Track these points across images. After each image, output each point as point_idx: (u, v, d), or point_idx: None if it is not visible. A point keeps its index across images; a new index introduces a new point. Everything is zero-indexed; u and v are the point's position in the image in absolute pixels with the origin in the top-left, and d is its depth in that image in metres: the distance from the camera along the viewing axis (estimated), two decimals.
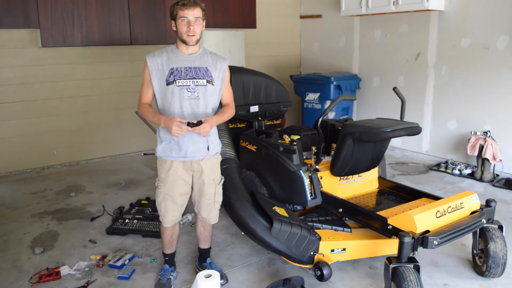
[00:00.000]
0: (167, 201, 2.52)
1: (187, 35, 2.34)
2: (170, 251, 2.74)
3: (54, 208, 3.92)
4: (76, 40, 4.53)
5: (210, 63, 2.46)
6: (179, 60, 2.40)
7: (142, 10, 4.86)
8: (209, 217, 2.65)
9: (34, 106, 4.91)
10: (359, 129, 2.80)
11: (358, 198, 3.18)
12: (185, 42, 2.37)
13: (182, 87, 2.37)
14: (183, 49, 2.42)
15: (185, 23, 2.33)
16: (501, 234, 2.67)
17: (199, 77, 2.40)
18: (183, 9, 2.31)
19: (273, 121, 3.97)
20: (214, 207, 2.63)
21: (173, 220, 2.59)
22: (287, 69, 6.81)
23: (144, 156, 5.59)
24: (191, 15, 2.32)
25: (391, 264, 2.31)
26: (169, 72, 2.37)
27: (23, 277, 2.78)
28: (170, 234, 2.67)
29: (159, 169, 2.51)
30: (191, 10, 2.31)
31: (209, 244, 2.81)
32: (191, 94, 2.39)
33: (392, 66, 5.65)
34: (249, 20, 5.70)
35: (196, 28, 2.34)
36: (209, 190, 2.57)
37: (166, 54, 2.41)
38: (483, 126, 4.76)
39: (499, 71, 4.58)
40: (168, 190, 2.49)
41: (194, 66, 2.42)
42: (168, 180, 2.47)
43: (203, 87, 2.41)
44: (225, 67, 2.53)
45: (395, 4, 5.00)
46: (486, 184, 4.45)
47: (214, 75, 2.46)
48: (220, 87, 2.51)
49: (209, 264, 2.79)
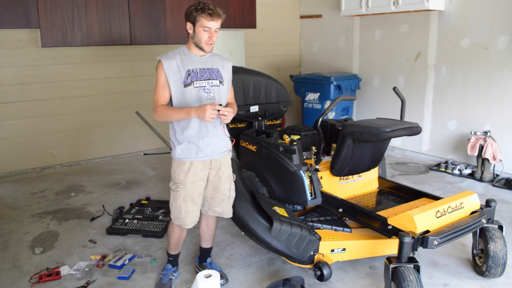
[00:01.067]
0: (187, 203, 2.48)
1: (206, 43, 2.36)
2: (175, 251, 2.73)
3: (54, 208, 3.93)
4: (76, 40, 4.53)
5: (219, 64, 2.51)
6: (193, 62, 2.42)
7: (142, 10, 4.86)
8: (224, 211, 2.65)
9: (34, 106, 4.91)
10: (359, 129, 2.80)
11: (358, 198, 3.18)
12: (202, 49, 2.38)
13: (200, 88, 2.39)
14: (195, 52, 2.43)
15: (207, 32, 2.33)
16: (501, 234, 2.67)
17: (213, 77, 2.45)
18: (208, 19, 2.29)
19: (273, 121, 3.96)
20: (228, 202, 2.65)
21: (194, 221, 2.55)
22: (287, 69, 6.81)
23: (144, 156, 5.59)
24: (214, 26, 2.32)
25: (391, 264, 2.31)
26: (186, 73, 2.38)
27: (23, 277, 2.78)
28: (178, 236, 2.65)
29: (177, 171, 2.48)
30: (215, 22, 2.32)
31: (211, 244, 2.82)
32: (207, 95, 2.41)
33: (392, 66, 5.65)
34: (249, 20, 5.71)
35: (215, 37, 2.36)
36: (225, 186, 2.58)
37: (180, 56, 2.41)
38: (483, 126, 4.76)
39: (499, 71, 4.58)
40: (188, 191, 2.47)
41: (207, 67, 2.45)
42: (188, 181, 2.45)
43: (217, 88, 2.46)
44: (230, 67, 2.58)
45: (395, 4, 5.00)
46: (486, 184, 4.45)
47: (224, 75, 2.51)
48: (228, 87, 2.55)
49: (209, 264, 2.79)
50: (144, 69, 5.52)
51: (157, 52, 5.50)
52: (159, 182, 4.59)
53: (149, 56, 5.49)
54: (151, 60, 5.53)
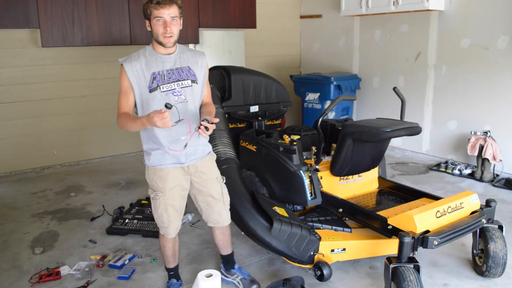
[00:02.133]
0: (169, 211, 2.36)
1: (164, 36, 2.16)
2: (174, 264, 2.60)
3: (54, 208, 3.92)
4: (76, 40, 4.53)
5: (191, 61, 2.31)
6: (159, 63, 2.22)
7: (142, 10, 4.84)
8: (221, 219, 2.52)
9: (34, 106, 4.91)
10: (359, 129, 2.80)
11: (358, 198, 3.18)
12: (162, 44, 2.20)
13: (168, 92, 2.20)
14: (161, 50, 2.24)
15: (161, 23, 2.15)
16: (501, 234, 2.67)
17: (183, 78, 2.25)
18: (158, 8, 2.12)
19: (273, 121, 3.97)
20: (224, 208, 2.51)
21: (177, 229, 2.45)
22: (287, 69, 6.81)
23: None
24: (167, 14, 2.14)
25: (391, 264, 2.31)
26: (151, 77, 2.18)
27: (23, 277, 2.78)
28: (173, 246, 2.53)
29: (154, 179, 2.33)
30: (167, 9, 2.13)
31: (231, 249, 2.70)
32: (178, 98, 2.22)
33: (392, 66, 5.65)
34: (249, 20, 5.70)
35: (173, 28, 2.17)
36: (214, 188, 2.45)
37: (144, 58, 2.21)
38: (483, 126, 4.76)
39: (499, 71, 4.58)
40: (168, 199, 2.34)
41: (176, 67, 2.25)
42: (167, 188, 2.32)
43: (189, 88, 2.26)
44: (205, 62, 2.38)
45: (395, 4, 5.00)
46: (486, 184, 4.45)
47: (197, 73, 2.31)
48: (202, 84, 2.35)
49: (238, 270, 2.68)
50: None
51: None
52: None
53: None
54: None
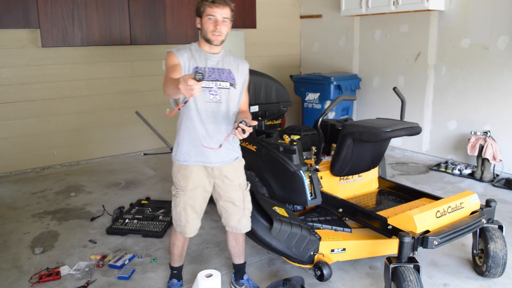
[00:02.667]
0: (187, 211, 2.34)
1: (212, 34, 2.20)
2: (179, 264, 2.59)
3: (54, 208, 3.92)
4: (76, 40, 4.53)
5: (233, 65, 2.33)
6: (202, 59, 2.25)
7: (142, 10, 4.86)
8: (239, 226, 2.47)
9: (34, 106, 4.91)
10: (359, 129, 2.80)
11: (358, 198, 3.18)
12: (209, 41, 2.23)
13: (205, 89, 2.21)
14: (206, 49, 2.28)
15: (212, 21, 2.19)
16: (501, 234, 2.67)
17: (222, 79, 2.27)
18: (212, 6, 2.17)
19: (273, 121, 3.97)
20: (244, 215, 2.46)
21: (195, 230, 2.41)
22: (287, 69, 6.81)
23: (144, 156, 5.59)
24: (219, 14, 2.18)
25: (391, 264, 2.31)
26: (193, 70, 2.21)
27: (23, 277, 2.78)
28: (182, 245, 2.51)
29: (177, 176, 2.34)
30: (220, 9, 2.18)
31: (243, 259, 2.64)
32: (213, 97, 2.24)
33: (392, 66, 5.65)
34: (249, 20, 5.70)
35: (223, 28, 2.20)
36: (236, 195, 2.41)
37: (190, 52, 2.26)
38: (483, 126, 4.76)
39: (499, 71, 4.58)
40: (188, 198, 2.32)
41: (218, 67, 2.28)
42: (188, 188, 2.31)
43: (226, 90, 2.27)
44: (246, 70, 2.40)
45: (395, 4, 5.00)
46: (486, 184, 4.45)
47: (237, 78, 2.32)
48: (241, 90, 2.36)
49: (246, 281, 2.63)
50: (144, 69, 5.52)
51: (157, 52, 5.51)
52: (159, 182, 4.59)
53: (149, 56, 5.49)
54: (151, 60, 5.53)
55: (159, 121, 4.62)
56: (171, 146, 3.86)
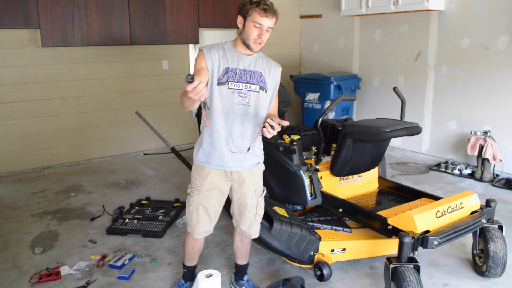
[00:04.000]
0: (199, 211, 2.32)
1: (254, 42, 2.12)
2: (189, 263, 2.54)
3: (54, 208, 3.92)
4: (76, 40, 4.53)
5: (265, 68, 2.26)
6: (235, 60, 2.18)
7: (142, 10, 4.85)
8: (249, 231, 2.45)
9: (34, 106, 4.91)
10: (359, 129, 2.80)
11: (358, 198, 3.18)
12: (249, 47, 2.15)
13: (234, 90, 2.15)
14: (241, 50, 2.20)
15: (257, 29, 2.11)
16: (501, 234, 2.67)
17: (253, 82, 2.20)
18: (262, 14, 2.08)
19: None
20: (255, 220, 2.43)
21: (204, 232, 2.38)
22: (287, 69, 6.78)
23: (144, 156, 5.59)
24: (267, 23, 2.11)
25: (391, 264, 2.31)
26: (223, 71, 2.15)
27: (23, 277, 2.78)
28: (192, 246, 2.46)
29: (194, 175, 2.31)
30: (269, 19, 2.11)
31: (247, 260, 2.63)
32: (242, 100, 2.18)
33: (392, 66, 5.65)
34: None
35: (265, 37, 2.13)
36: (251, 202, 2.37)
37: (222, 50, 2.18)
38: (483, 126, 4.76)
39: (499, 71, 4.58)
40: (201, 199, 2.30)
41: (249, 70, 2.21)
42: (203, 188, 2.29)
43: (256, 94, 2.21)
44: (278, 73, 2.33)
45: (395, 4, 5.00)
46: (486, 184, 4.45)
47: (268, 82, 2.26)
48: (272, 95, 2.30)
49: (246, 282, 2.62)
50: (144, 69, 5.52)
51: (157, 52, 5.51)
52: (159, 182, 4.59)
53: (149, 56, 5.50)
54: (151, 60, 5.53)
55: (159, 121, 4.62)
56: (171, 146, 3.86)
